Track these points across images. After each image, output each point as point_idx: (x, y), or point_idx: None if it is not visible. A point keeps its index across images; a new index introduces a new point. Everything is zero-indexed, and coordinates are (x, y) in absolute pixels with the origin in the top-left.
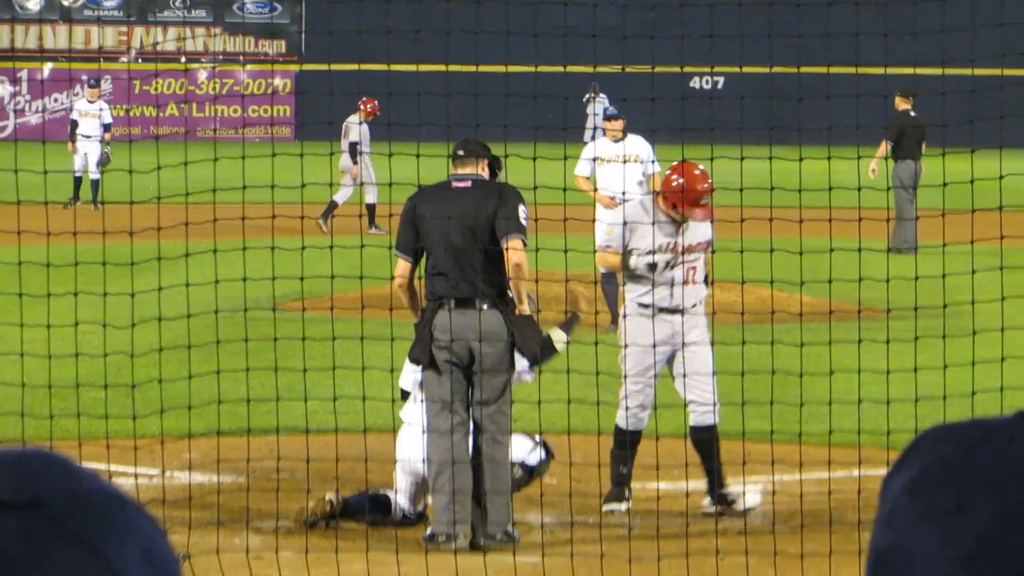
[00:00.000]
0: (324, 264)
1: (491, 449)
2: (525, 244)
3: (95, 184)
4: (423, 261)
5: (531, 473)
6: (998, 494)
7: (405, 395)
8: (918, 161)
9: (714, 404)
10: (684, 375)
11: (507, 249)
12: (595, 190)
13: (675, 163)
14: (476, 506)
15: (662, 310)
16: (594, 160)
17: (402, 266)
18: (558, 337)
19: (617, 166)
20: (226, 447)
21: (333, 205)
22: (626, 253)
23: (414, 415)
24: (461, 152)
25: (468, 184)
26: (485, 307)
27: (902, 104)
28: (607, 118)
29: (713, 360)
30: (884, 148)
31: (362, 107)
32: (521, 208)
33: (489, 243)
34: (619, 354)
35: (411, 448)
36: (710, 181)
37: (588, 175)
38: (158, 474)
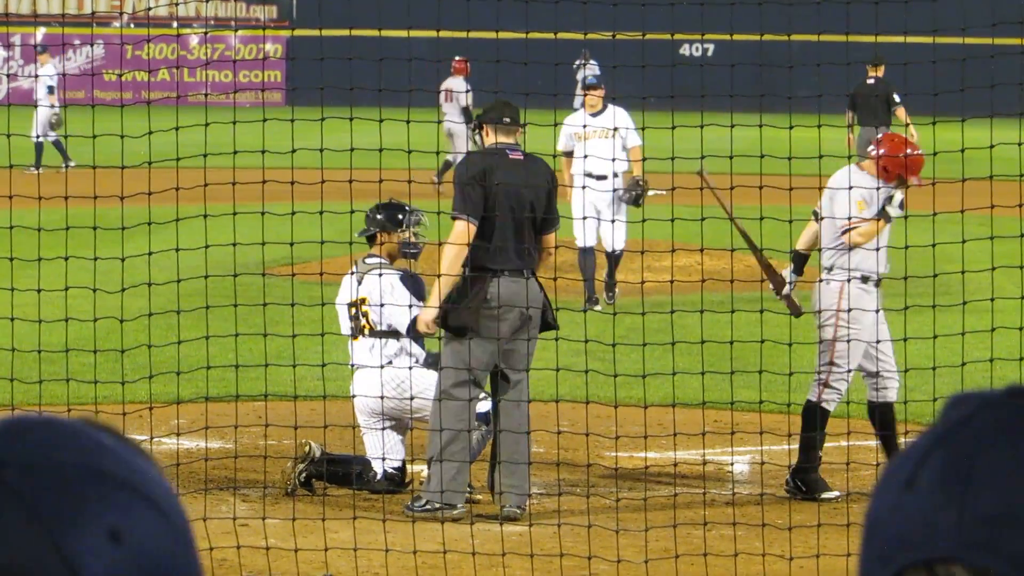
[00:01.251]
0: (314, 229)
1: (515, 416)
2: None
3: (57, 145)
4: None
5: (486, 421)
6: (937, 479)
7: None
8: (868, 128)
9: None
10: (878, 342)
11: (546, 237)
12: (569, 157)
13: (883, 134)
14: (496, 474)
15: (878, 281)
16: (573, 133)
17: (471, 231)
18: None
19: (596, 141)
20: (214, 413)
21: (447, 165)
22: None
23: (365, 358)
24: (508, 120)
25: (520, 156)
26: (530, 275)
27: (869, 72)
28: (586, 87)
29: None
30: (848, 117)
31: (457, 66)
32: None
33: (534, 215)
34: (838, 331)
35: (367, 395)
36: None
37: (563, 148)
38: (146, 440)
